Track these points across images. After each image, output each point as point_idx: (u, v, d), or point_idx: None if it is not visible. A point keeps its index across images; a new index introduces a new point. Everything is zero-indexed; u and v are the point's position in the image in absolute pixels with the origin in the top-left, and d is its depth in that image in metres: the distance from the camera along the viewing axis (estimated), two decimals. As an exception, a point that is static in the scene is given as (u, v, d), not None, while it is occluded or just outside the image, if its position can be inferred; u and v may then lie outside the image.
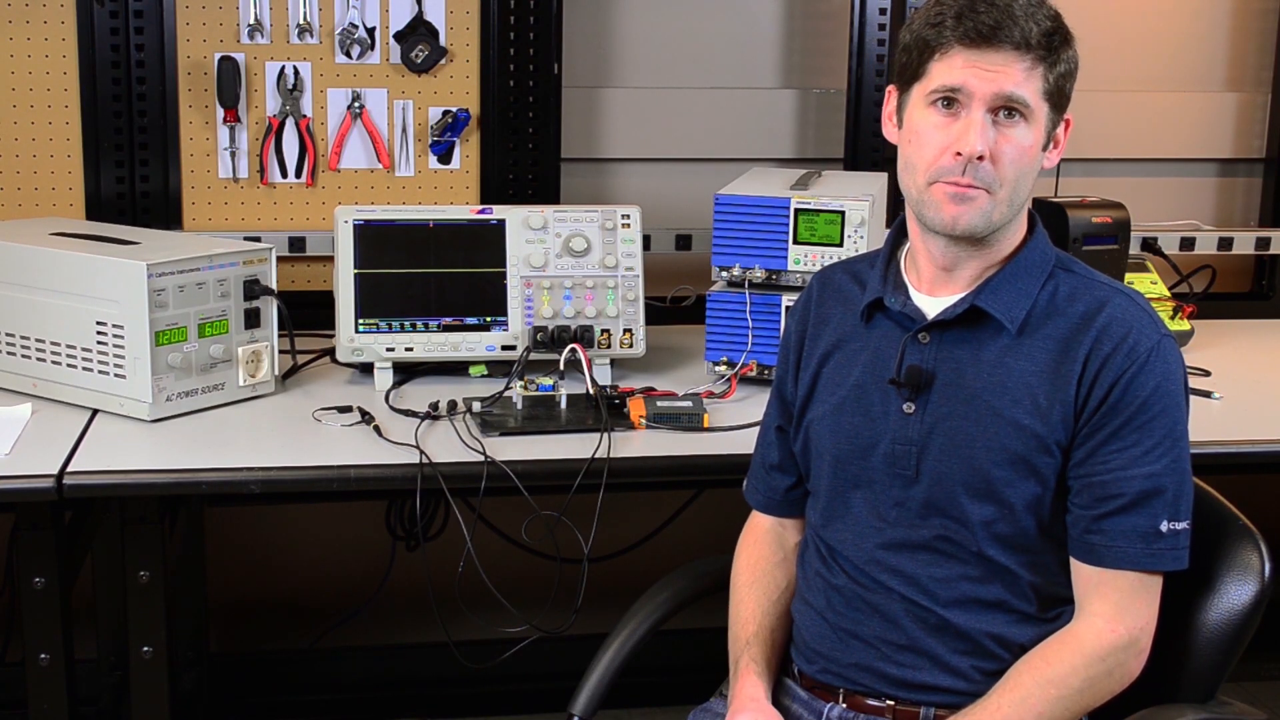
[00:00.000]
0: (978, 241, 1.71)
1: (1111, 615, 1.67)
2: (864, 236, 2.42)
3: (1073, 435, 1.68)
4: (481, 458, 2.10)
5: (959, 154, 1.64)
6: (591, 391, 2.33)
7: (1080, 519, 1.68)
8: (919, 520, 1.73)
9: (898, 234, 1.83)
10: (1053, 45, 1.65)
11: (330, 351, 2.54)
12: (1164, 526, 1.66)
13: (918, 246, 1.77)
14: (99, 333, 2.25)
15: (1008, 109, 1.64)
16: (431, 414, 2.27)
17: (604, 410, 2.25)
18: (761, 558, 1.94)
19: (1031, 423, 1.68)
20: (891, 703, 1.77)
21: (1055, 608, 1.73)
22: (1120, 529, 1.66)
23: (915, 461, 1.73)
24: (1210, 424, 2.35)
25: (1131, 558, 1.66)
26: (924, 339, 1.75)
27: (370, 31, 2.85)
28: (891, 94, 1.75)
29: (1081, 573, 1.70)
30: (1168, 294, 2.88)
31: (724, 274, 2.51)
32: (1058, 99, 1.68)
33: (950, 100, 1.65)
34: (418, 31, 2.86)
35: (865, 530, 1.77)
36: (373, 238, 2.49)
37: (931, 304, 1.76)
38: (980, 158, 1.64)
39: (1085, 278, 1.75)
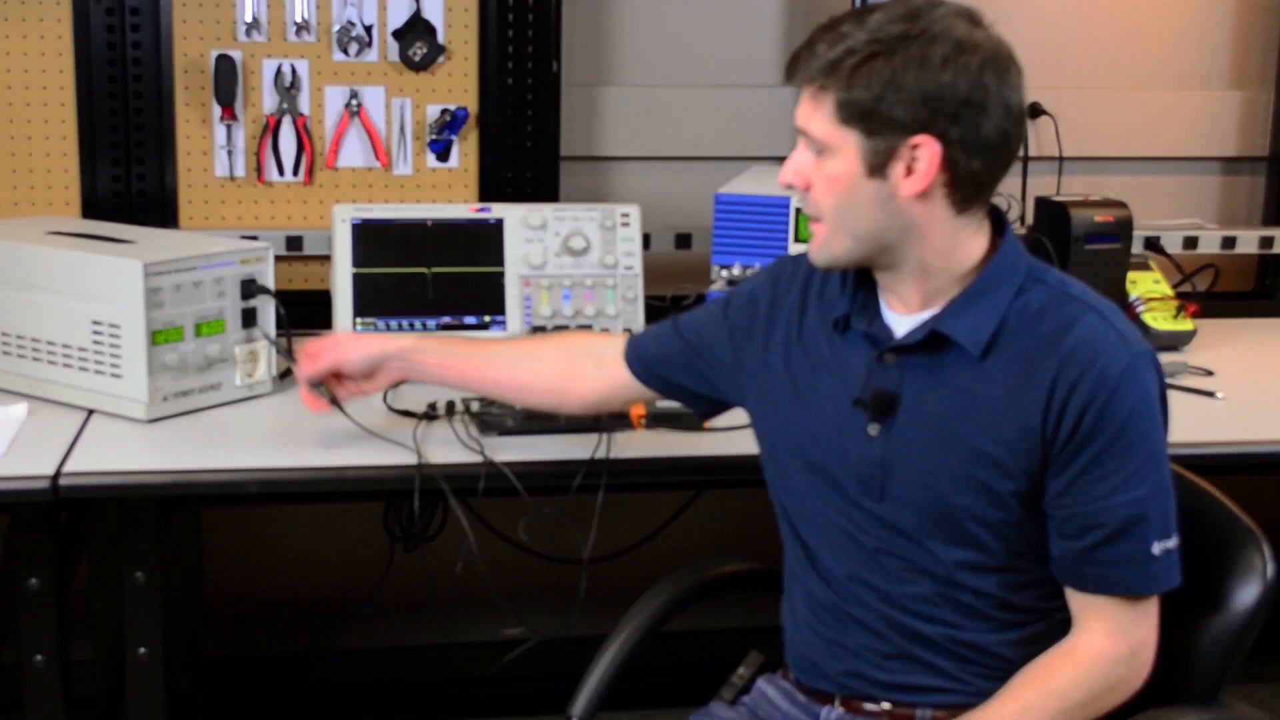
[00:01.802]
0: (899, 268, 1.67)
1: (1111, 632, 1.65)
2: (865, 235, 2.41)
3: (1043, 464, 1.63)
4: (480, 458, 2.09)
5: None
6: (591, 391, 2.32)
7: (1068, 551, 1.65)
8: (888, 536, 1.71)
9: None
10: (839, 70, 1.57)
11: (328, 351, 2.53)
12: (1156, 549, 1.62)
13: None
14: (95, 332, 2.24)
15: (816, 141, 1.63)
16: (430, 414, 2.26)
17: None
18: (578, 343, 2.07)
19: (995, 450, 1.63)
20: (888, 705, 1.76)
21: (1034, 615, 1.71)
22: (1111, 558, 1.63)
23: (880, 484, 1.69)
24: (1213, 424, 2.35)
25: (1126, 584, 1.63)
26: (890, 360, 1.70)
27: (368, 29, 2.84)
28: None
29: (1075, 596, 1.67)
30: (1171, 293, 2.87)
31: (724, 273, 2.51)
32: (868, 123, 1.58)
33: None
34: (416, 29, 2.85)
35: (839, 540, 1.75)
36: (371, 236, 2.48)
37: (900, 322, 1.70)
38: (791, 187, 1.66)
39: (1057, 290, 1.66)
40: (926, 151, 1.58)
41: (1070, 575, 1.66)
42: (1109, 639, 1.65)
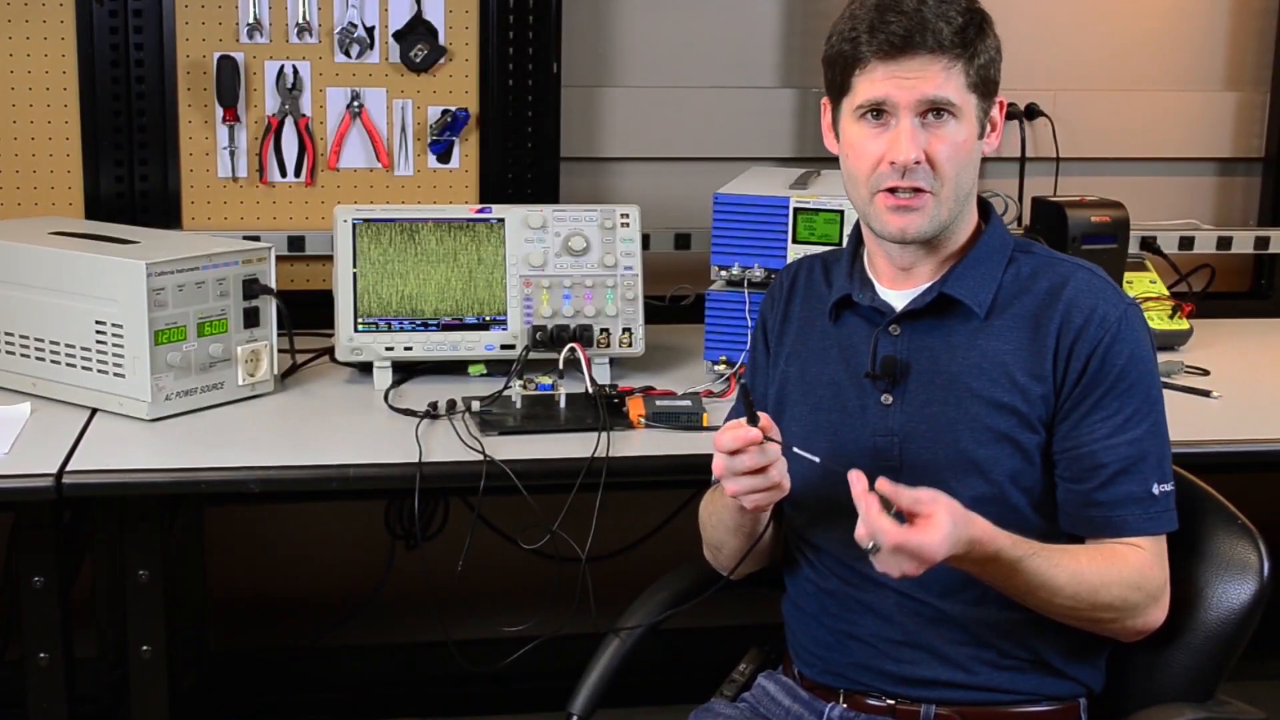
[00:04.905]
0: (930, 241, 1.74)
1: (1149, 560, 1.69)
2: (863, 236, 2.42)
3: (1054, 410, 1.70)
4: (481, 457, 2.10)
5: (893, 162, 1.66)
6: (591, 391, 2.33)
7: (1073, 495, 1.70)
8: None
9: (858, 238, 1.85)
10: (967, 39, 1.66)
11: (329, 351, 2.54)
12: (1155, 489, 1.69)
13: (874, 250, 1.80)
14: (98, 332, 2.25)
15: (935, 110, 1.66)
16: (431, 413, 2.27)
17: (603, 409, 2.25)
18: None
19: (1011, 400, 1.70)
20: (892, 702, 1.77)
21: None
22: (1114, 498, 1.69)
23: (898, 451, 1.74)
24: (1209, 423, 2.36)
25: (1132, 524, 1.69)
26: (895, 331, 1.77)
27: (369, 31, 2.85)
28: (826, 107, 1.78)
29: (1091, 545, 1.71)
30: (1167, 293, 2.88)
31: (723, 273, 2.52)
32: (984, 87, 1.70)
33: (879, 111, 1.67)
34: (417, 31, 2.86)
35: (851, 529, 1.76)
36: (372, 237, 2.49)
37: (898, 297, 1.78)
38: (917, 162, 1.66)
39: (1045, 257, 1.78)
40: (999, 110, 1.74)
41: (1078, 521, 1.71)
42: (1148, 563, 1.69)
